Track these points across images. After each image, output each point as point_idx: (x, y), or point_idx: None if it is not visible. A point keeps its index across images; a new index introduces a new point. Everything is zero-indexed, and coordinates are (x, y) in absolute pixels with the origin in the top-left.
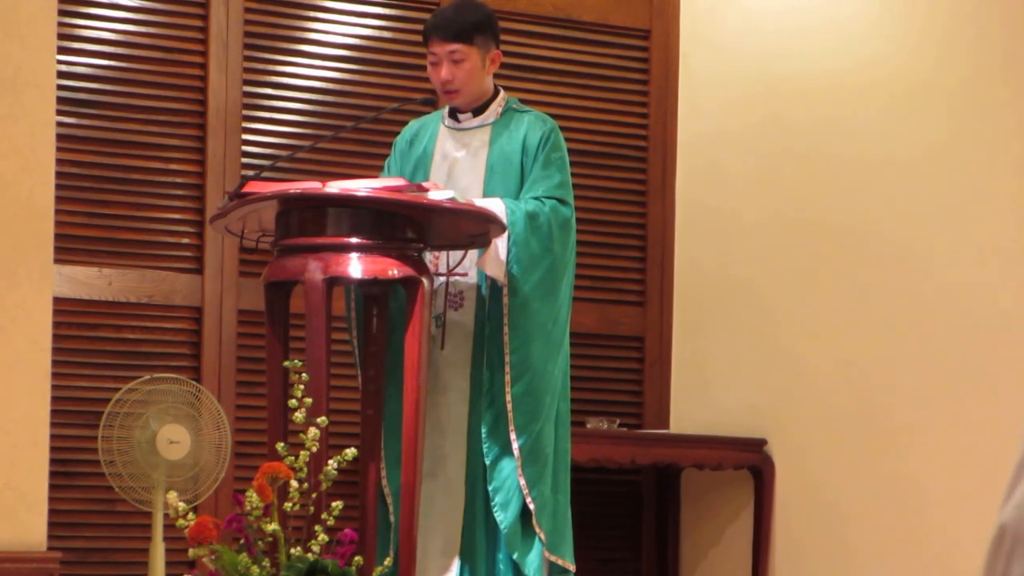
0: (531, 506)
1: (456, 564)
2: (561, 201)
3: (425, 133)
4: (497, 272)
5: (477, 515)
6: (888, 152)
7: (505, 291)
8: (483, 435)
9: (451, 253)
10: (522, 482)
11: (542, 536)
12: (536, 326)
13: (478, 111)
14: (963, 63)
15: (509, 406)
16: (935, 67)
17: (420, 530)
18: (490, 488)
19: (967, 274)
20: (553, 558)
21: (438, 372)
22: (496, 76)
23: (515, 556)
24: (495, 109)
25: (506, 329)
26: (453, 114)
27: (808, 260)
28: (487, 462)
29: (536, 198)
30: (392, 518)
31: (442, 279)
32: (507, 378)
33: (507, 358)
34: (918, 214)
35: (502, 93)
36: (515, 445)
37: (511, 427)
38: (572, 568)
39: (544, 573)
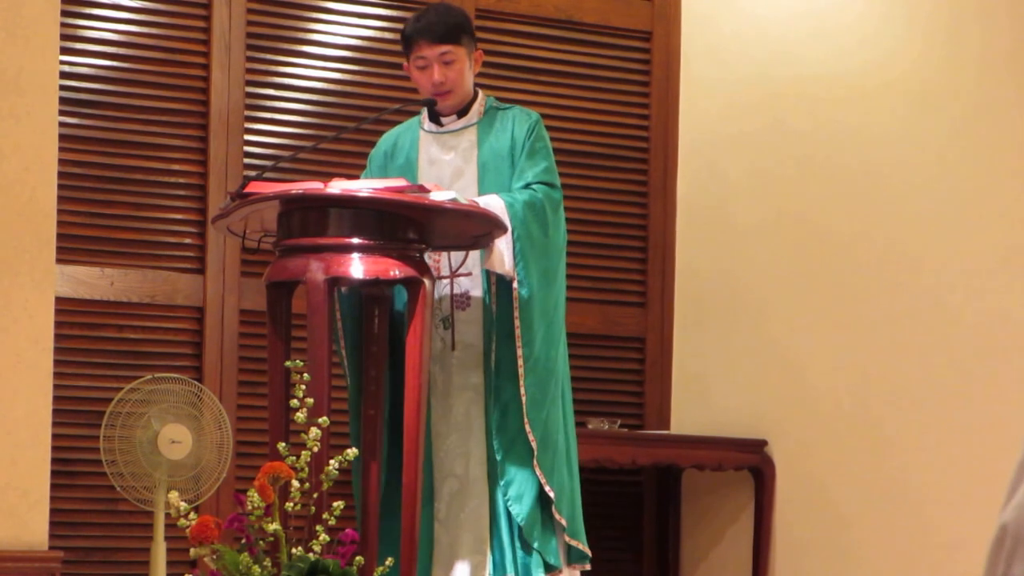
0: (551, 494)
1: (489, 559)
2: (550, 185)
3: (404, 142)
4: (504, 268)
5: (500, 509)
6: (889, 155)
7: (515, 284)
8: (492, 431)
9: (452, 254)
10: (539, 472)
11: (563, 522)
12: (542, 315)
13: (461, 113)
14: (967, 67)
15: (524, 399)
16: (938, 71)
17: (450, 529)
18: (502, 483)
19: (967, 277)
20: (574, 543)
21: (453, 373)
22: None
23: (536, 545)
24: (477, 109)
25: (517, 323)
26: (434, 118)
27: (809, 262)
28: (498, 458)
29: (528, 186)
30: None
31: (446, 281)
32: (520, 371)
33: (519, 351)
34: (920, 217)
35: (481, 93)
36: (531, 436)
37: (525, 419)
38: (589, 553)
39: (563, 559)
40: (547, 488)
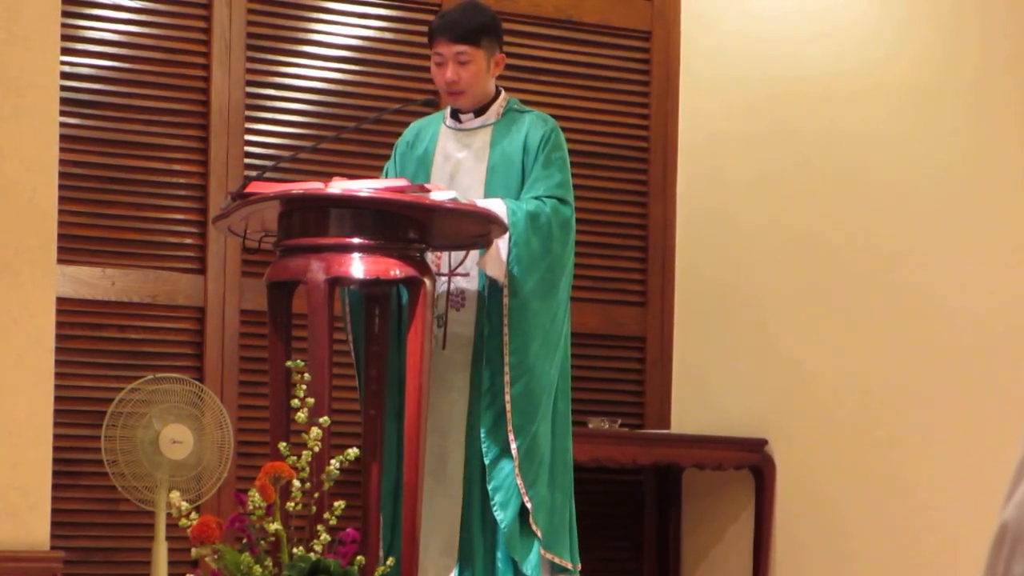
0: (528, 505)
1: (455, 563)
2: (561, 200)
3: (426, 135)
4: (497, 272)
5: (475, 514)
6: (889, 156)
7: (505, 291)
8: (482, 435)
9: (453, 253)
10: (519, 482)
11: (539, 534)
12: (535, 326)
13: (479, 112)
14: (967, 67)
15: (508, 407)
16: (938, 71)
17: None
18: (489, 488)
19: (968, 277)
20: (550, 556)
21: (440, 372)
22: (497, 77)
23: (514, 555)
24: (496, 110)
25: (506, 330)
26: (455, 115)
27: (809, 261)
28: (486, 462)
29: (537, 198)
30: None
31: (444, 279)
32: (506, 378)
33: (506, 359)
34: (919, 217)
35: (503, 94)
36: (513, 446)
37: (509, 427)
38: (571, 566)
39: (543, 571)
40: (525, 498)
